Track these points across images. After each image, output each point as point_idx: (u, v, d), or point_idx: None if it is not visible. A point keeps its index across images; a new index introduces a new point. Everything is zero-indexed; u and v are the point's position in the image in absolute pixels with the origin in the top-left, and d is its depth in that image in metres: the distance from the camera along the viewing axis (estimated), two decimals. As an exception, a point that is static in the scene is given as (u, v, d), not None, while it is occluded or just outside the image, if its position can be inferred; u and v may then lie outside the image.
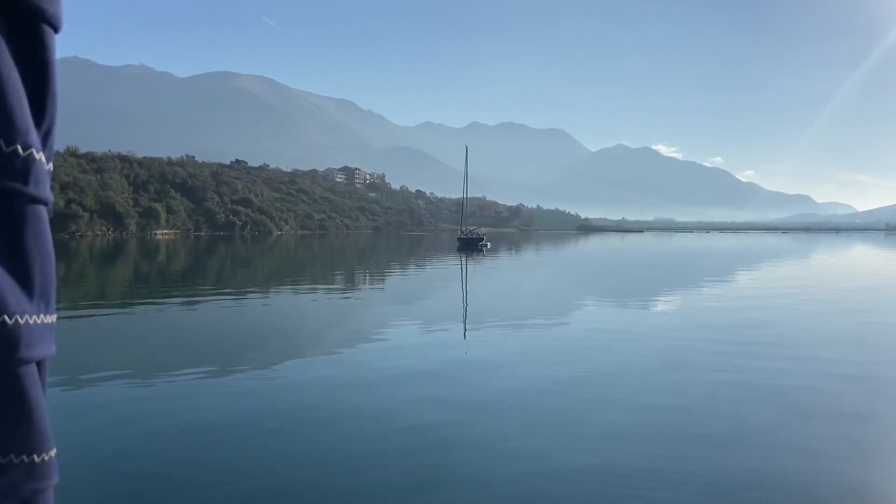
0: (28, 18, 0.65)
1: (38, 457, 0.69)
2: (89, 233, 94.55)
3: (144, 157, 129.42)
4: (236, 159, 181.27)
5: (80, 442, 7.07)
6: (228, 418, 7.99)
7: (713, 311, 19.32)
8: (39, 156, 0.67)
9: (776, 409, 8.53)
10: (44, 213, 0.68)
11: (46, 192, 0.68)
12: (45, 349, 0.68)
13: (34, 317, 0.66)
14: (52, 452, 0.71)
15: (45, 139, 0.69)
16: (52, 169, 0.71)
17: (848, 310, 19.40)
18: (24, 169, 0.65)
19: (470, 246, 66.28)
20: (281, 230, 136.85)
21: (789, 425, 7.85)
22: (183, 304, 20.52)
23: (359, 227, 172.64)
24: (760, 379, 10.20)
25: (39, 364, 0.69)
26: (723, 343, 13.45)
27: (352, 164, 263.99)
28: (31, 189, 0.65)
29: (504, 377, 10.30)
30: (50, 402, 8.73)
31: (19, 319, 0.64)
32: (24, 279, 0.66)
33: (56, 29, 0.69)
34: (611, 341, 13.80)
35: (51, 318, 0.69)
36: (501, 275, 37.21)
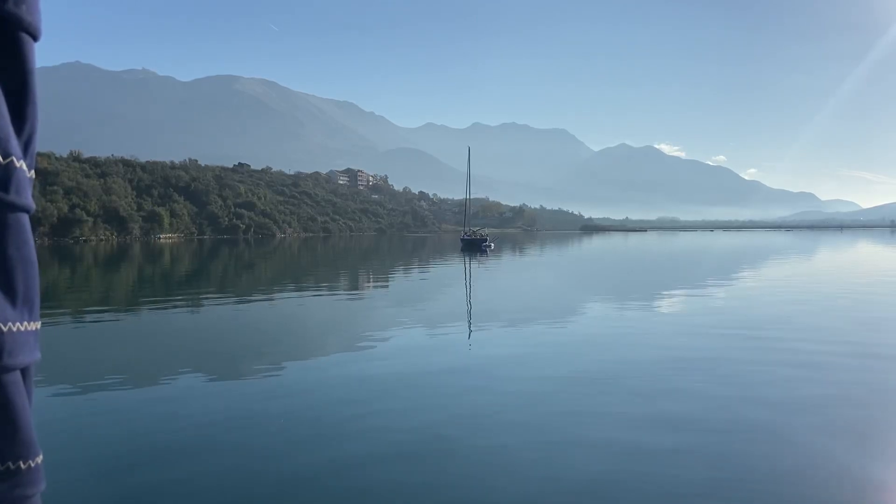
0: (6, 27, 0.66)
1: (25, 463, 0.69)
2: (93, 237, 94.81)
3: (147, 162, 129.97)
4: (239, 162, 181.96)
5: (83, 445, 7.01)
6: (231, 420, 7.92)
7: (720, 311, 19.18)
8: (20, 164, 0.68)
9: (787, 410, 8.42)
10: (26, 221, 0.70)
11: (28, 199, 0.69)
12: (30, 356, 0.68)
13: (17, 324, 0.66)
14: (39, 459, 0.71)
15: (26, 147, 0.70)
16: (33, 177, 0.72)
17: (858, 305, 19.25)
18: (5, 177, 0.66)
19: (473, 247, 66.26)
20: (284, 233, 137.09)
21: (801, 428, 7.73)
22: (187, 307, 20.47)
23: (362, 229, 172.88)
24: (769, 378, 10.08)
25: (24, 371, 0.70)
26: (730, 343, 13.33)
27: (354, 167, 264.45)
28: (11, 197, 0.66)
29: (509, 378, 10.21)
30: (52, 405, 8.71)
31: (2, 327, 0.65)
32: (7, 287, 0.67)
33: (35, 37, 0.70)
34: (617, 342, 13.69)
35: (35, 326, 0.70)
36: (505, 275, 37.11)
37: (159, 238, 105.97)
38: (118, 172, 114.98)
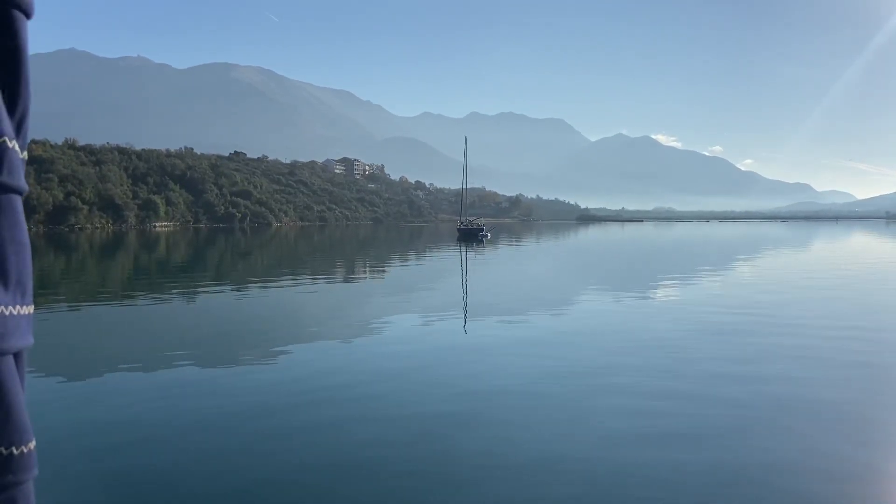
0: None
1: (17, 449, 0.68)
2: (88, 225, 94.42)
3: (143, 150, 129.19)
4: (235, 151, 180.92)
5: (77, 432, 7.06)
6: (229, 406, 7.97)
7: (714, 301, 19.29)
8: (12, 144, 0.67)
9: (781, 400, 8.51)
10: (18, 203, 0.68)
11: (20, 181, 0.68)
12: (22, 340, 0.68)
13: (10, 308, 0.66)
14: (31, 445, 0.70)
15: (19, 127, 0.69)
16: (26, 158, 0.70)
17: (853, 294, 19.37)
18: None
19: (470, 237, 66.26)
20: (280, 222, 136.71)
21: (794, 418, 7.83)
22: (183, 296, 20.49)
23: (358, 219, 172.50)
24: (763, 368, 10.18)
25: (17, 356, 0.69)
26: (724, 333, 13.43)
27: (351, 156, 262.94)
28: (3, 178, 0.65)
29: (506, 366, 10.29)
30: (47, 392, 8.75)
31: None
32: None
33: (28, 14, 0.68)
34: (612, 331, 13.78)
35: (27, 309, 0.69)
36: (501, 265, 37.17)
37: (155, 226, 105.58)
38: (113, 160, 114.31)
